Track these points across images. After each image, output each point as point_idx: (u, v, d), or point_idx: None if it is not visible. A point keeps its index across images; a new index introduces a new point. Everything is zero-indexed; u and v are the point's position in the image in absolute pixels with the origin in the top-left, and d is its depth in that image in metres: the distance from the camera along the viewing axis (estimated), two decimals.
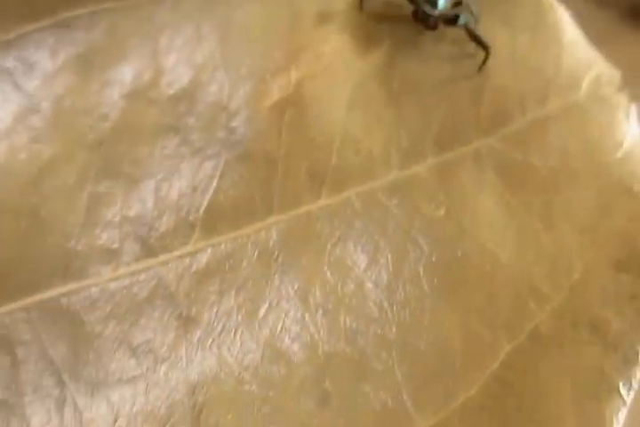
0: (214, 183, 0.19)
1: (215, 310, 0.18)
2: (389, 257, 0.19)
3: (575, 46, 0.21)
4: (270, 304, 0.18)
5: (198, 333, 0.17)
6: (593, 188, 0.20)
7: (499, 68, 0.21)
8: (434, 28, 0.21)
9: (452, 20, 0.21)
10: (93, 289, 0.17)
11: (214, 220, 0.18)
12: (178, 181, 0.18)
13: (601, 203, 0.19)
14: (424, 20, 0.20)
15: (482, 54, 0.21)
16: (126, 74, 0.19)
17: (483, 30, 0.21)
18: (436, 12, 0.20)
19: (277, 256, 0.18)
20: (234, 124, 0.19)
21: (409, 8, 0.21)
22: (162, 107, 0.19)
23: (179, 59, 0.19)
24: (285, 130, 0.19)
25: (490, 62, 0.21)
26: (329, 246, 0.19)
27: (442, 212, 0.19)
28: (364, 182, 0.19)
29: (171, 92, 0.19)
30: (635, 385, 0.18)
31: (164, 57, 0.19)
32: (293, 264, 0.18)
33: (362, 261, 0.19)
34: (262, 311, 0.18)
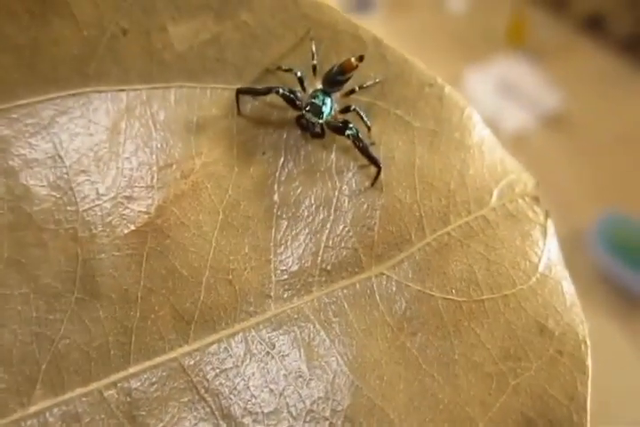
0: (61, 328, 0.16)
1: None
2: (261, 414, 0.16)
3: (484, 149, 0.19)
4: None
5: None
6: (500, 327, 0.17)
7: (395, 181, 0.18)
8: (320, 135, 0.18)
9: (339, 128, 0.18)
10: None
11: (60, 373, 0.16)
12: (16, 328, 0.16)
13: (509, 346, 0.17)
14: (308, 127, 0.18)
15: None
16: None
17: (377, 136, 0.18)
18: (320, 120, 0.18)
19: (134, 417, 0.16)
20: (86, 256, 0.17)
21: (293, 112, 0.18)
22: (1, 237, 0.16)
23: (29, 180, 0.17)
24: (146, 261, 0.17)
25: (384, 175, 0.18)
26: (194, 402, 0.16)
27: (325, 359, 0.16)
28: (236, 321, 0.17)
29: (12, 218, 0.17)
30: None
31: (9, 177, 0.17)
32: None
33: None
34: None
